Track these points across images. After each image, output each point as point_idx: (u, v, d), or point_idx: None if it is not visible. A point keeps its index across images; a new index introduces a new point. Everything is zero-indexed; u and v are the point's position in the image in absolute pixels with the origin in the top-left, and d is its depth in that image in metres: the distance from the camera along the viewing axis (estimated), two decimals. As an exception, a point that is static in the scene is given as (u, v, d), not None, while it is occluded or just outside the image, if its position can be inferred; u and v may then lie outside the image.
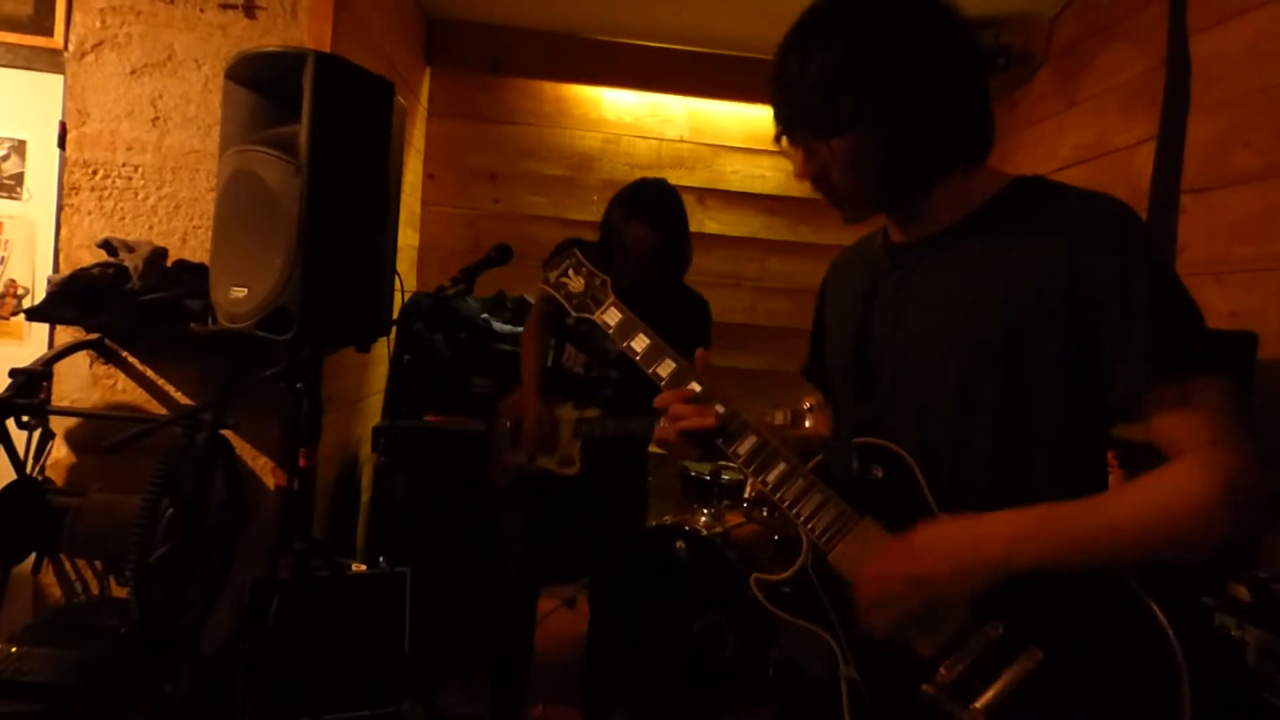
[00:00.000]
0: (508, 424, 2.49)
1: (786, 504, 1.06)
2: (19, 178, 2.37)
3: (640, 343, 1.19)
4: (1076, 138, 2.95)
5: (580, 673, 2.61)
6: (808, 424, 1.72)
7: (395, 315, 1.94)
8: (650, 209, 2.23)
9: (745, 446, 1.09)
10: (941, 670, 0.95)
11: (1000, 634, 0.93)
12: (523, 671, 2.48)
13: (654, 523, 2.73)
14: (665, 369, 1.17)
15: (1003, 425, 0.97)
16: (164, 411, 2.30)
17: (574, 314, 1.26)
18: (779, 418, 1.76)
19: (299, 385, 1.80)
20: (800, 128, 1.02)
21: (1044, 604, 0.92)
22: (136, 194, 2.34)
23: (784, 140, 1.06)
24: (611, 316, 1.22)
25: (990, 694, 0.92)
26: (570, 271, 1.27)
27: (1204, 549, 0.86)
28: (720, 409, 1.11)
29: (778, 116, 1.04)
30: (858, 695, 1.02)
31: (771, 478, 1.07)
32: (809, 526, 1.05)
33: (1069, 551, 0.89)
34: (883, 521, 1.02)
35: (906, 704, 0.98)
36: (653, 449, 2.67)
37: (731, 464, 1.11)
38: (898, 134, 0.97)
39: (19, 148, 2.37)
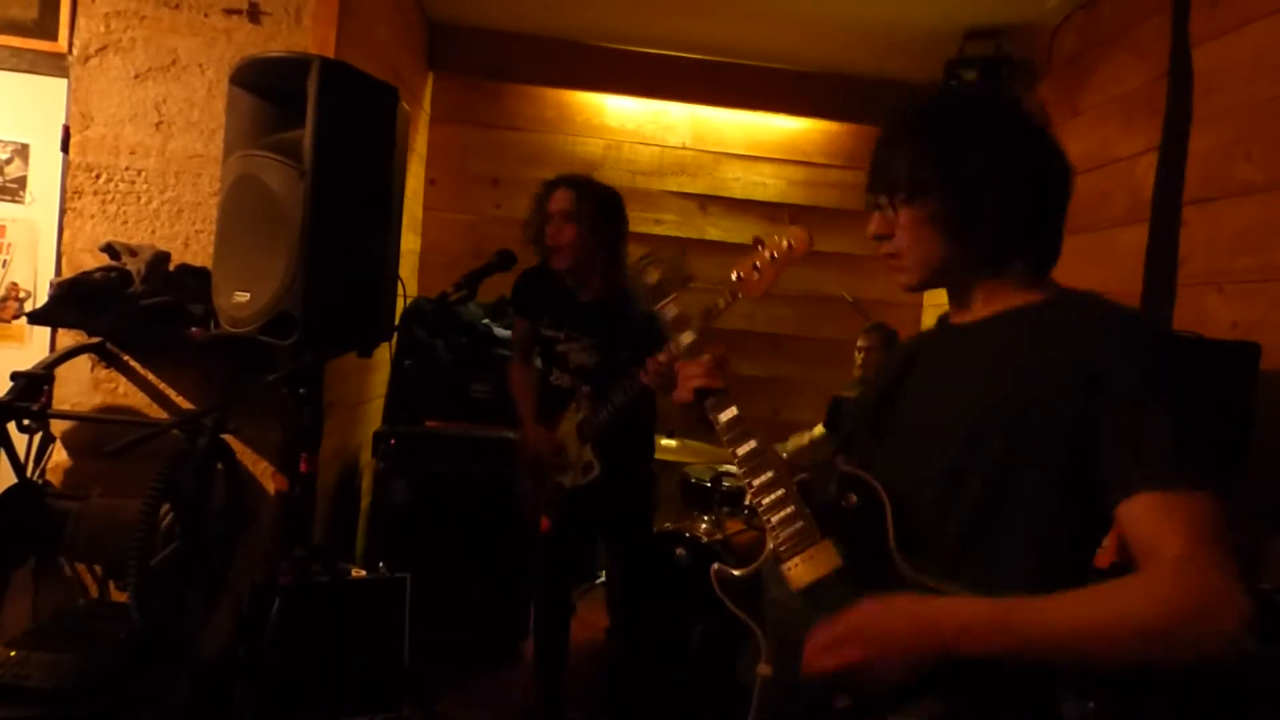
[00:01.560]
0: (528, 477, 2.52)
1: (762, 508, 1.13)
2: (22, 181, 2.37)
3: (688, 336, 1.30)
4: (1078, 147, 2.95)
5: (573, 672, 2.62)
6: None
7: (397, 320, 1.94)
8: (567, 178, 2.45)
9: (744, 449, 1.18)
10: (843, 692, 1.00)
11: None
12: (561, 665, 2.56)
13: (655, 529, 2.73)
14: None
15: (989, 493, 1.00)
16: (165, 415, 2.29)
17: (646, 303, 1.39)
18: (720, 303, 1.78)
19: (301, 390, 1.80)
20: (879, 189, 1.12)
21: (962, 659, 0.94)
22: (139, 198, 2.34)
23: (868, 204, 1.16)
24: (671, 310, 1.34)
25: None
26: (651, 266, 1.39)
27: (1153, 663, 0.87)
28: (734, 410, 1.21)
29: (870, 182, 1.15)
30: (767, 693, 1.09)
31: (757, 482, 1.15)
32: (774, 533, 1.11)
33: (1014, 646, 0.90)
34: (841, 547, 1.07)
35: (807, 712, 1.04)
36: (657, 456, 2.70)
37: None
38: (958, 211, 1.06)
39: (22, 151, 2.37)
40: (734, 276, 1.48)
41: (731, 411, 1.21)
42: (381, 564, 2.39)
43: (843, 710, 0.99)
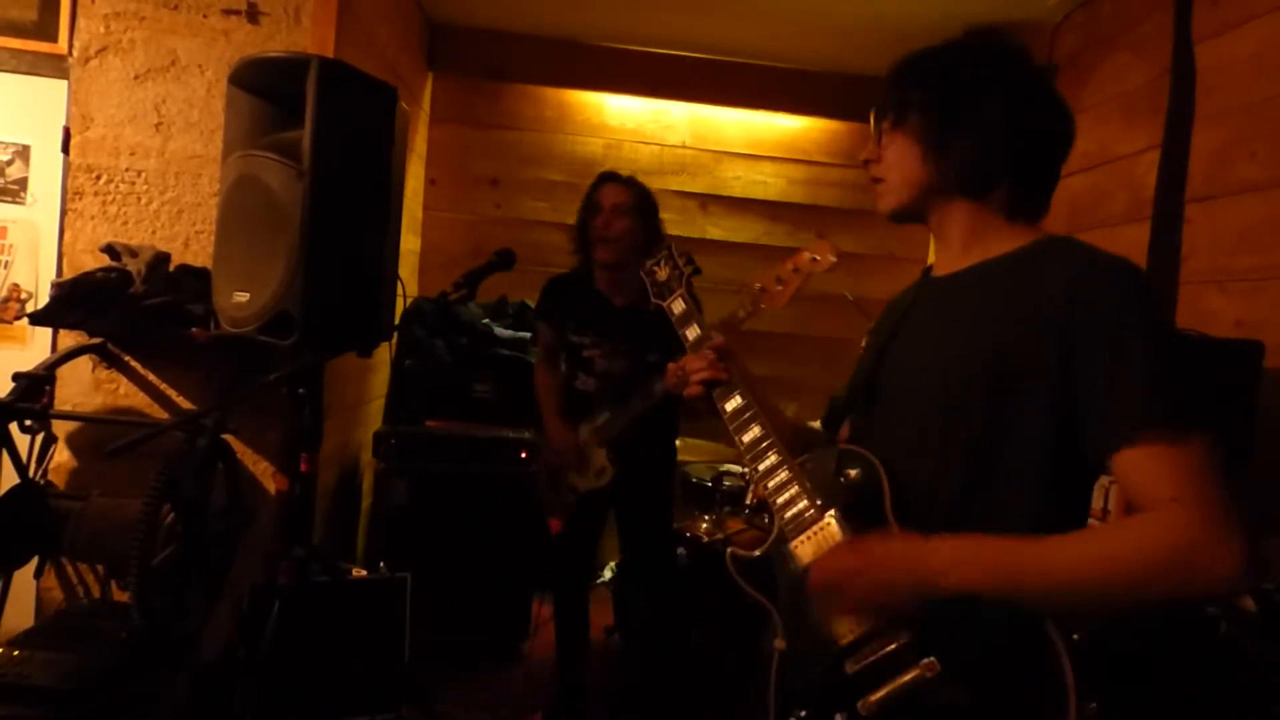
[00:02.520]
0: (546, 479, 2.54)
1: (768, 489, 1.17)
2: (23, 182, 2.37)
3: (693, 332, 1.35)
4: (1080, 146, 2.91)
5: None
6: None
7: (397, 320, 1.94)
8: (618, 175, 2.51)
9: (749, 436, 1.21)
10: (852, 661, 1.04)
11: (905, 641, 1.00)
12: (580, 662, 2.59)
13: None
14: None
15: (978, 457, 1.01)
16: (166, 416, 2.30)
17: (653, 299, 1.43)
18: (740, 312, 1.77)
19: (301, 390, 1.80)
20: (879, 111, 1.15)
21: (954, 619, 0.96)
22: (139, 199, 2.35)
23: (871, 129, 1.18)
24: (677, 306, 1.40)
25: (885, 691, 0.99)
26: (662, 262, 1.44)
27: (1143, 602, 0.88)
28: (739, 400, 1.24)
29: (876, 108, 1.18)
30: (783, 667, 1.13)
31: (762, 466, 1.18)
32: (780, 513, 1.15)
33: (1002, 583, 0.92)
34: (843, 522, 1.10)
35: (818, 684, 1.07)
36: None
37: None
38: (939, 125, 1.08)
39: (23, 153, 2.37)
40: (757, 286, 1.48)
41: (736, 400, 1.24)
42: (382, 564, 2.39)
43: (854, 678, 1.02)
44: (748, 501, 2.92)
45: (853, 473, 1.10)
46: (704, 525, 2.81)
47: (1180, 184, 2.45)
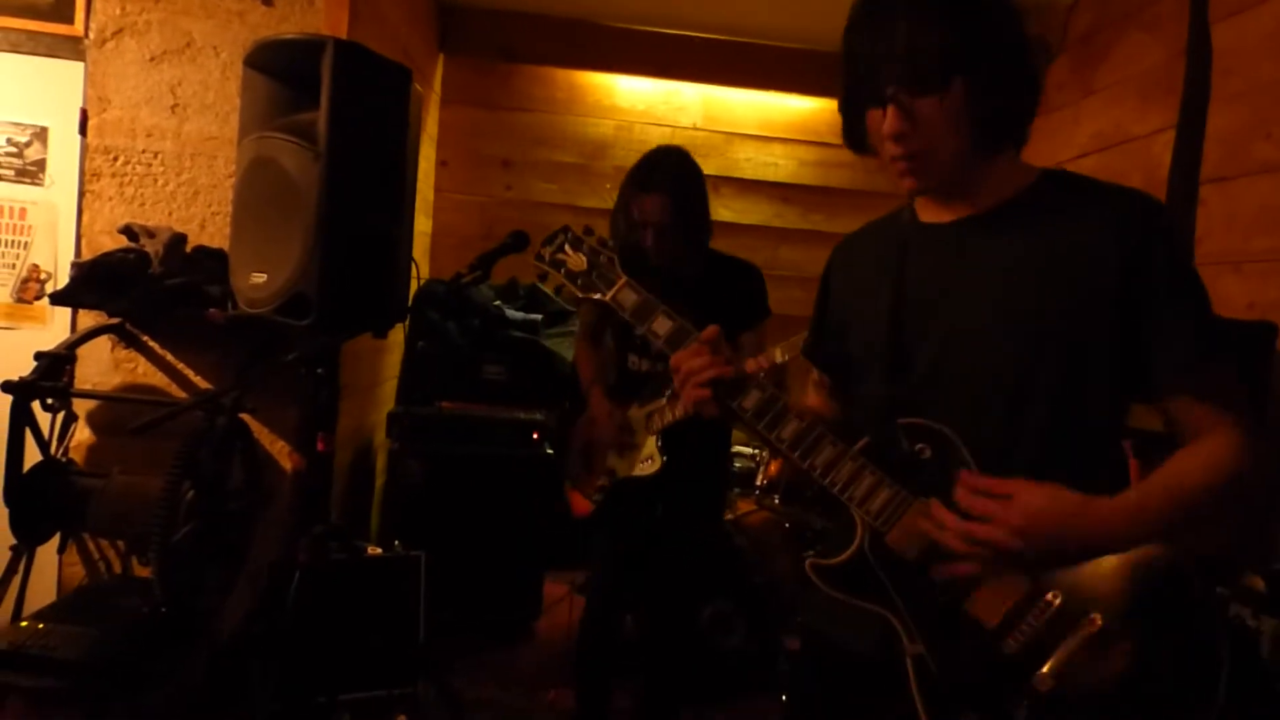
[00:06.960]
0: (578, 451, 2.33)
1: (838, 488, 1.03)
2: (41, 164, 2.39)
3: (662, 325, 1.11)
4: (1093, 126, 2.92)
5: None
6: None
7: (410, 302, 1.95)
8: (653, 179, 2.21)
9: (789, 430, 1.06)
10: (1010, 640, 0.98)
11: (1060, 603, 0.97)
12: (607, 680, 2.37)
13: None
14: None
15: (1056, 404, 1.01)
16: (184, 395, 2.32)
17: (580, 294, 1.16)
18: (778, 355, 1.72)
19: (318, 370, 1.82)
20: (904, 82, 1.00)
21: (1097, 574, 0.97)
22: (156, 180, 2.37)
23: (867, 104, 1.09)
24: (626, 298, 1.11)
25: (1057, 659, 0.95)
26: (567, 248, 1.15)
27: (1238, 502, 0.99)
28: (758, 394, 1.07)
29: (874, 76, 1.04)
30: (926, 671, 1.00)
31: (819, 461, 1.04)
32: (863, 509, 1.03)
33: (1159, 530, 0.97)
34: (939, 501, 1.00)
35: (980, 678, 0.99)
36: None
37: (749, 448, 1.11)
38: (991, 87, 0.98)
39: (41, 134, 2.39)
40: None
41: (755, 395, 1.06)
42: (396, 543, 2.42)
43: (1016, 657, 0.97)
44: (758, 482, 2.94)
45: (927, 449, 1.01)
46: (714, 506, 2.82)
47: (1195, 165, 2.44)
